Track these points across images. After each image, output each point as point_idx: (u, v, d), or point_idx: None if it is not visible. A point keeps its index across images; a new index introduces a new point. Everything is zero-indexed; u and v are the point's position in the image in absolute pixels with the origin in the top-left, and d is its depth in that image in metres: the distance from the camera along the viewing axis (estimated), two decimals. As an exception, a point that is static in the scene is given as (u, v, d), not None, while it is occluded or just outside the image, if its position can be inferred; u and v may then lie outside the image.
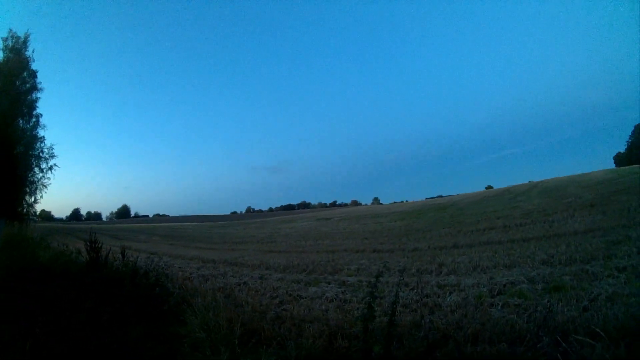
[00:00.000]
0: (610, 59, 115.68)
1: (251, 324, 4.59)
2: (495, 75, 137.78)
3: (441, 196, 68.43)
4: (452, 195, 60.31)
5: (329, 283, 8.72)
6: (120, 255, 9.30)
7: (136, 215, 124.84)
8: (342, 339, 4.09)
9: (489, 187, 68.84)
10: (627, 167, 43.79)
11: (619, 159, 73.95)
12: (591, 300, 5.10)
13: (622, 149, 76.90)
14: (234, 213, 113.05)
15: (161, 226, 52.42)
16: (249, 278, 9.95)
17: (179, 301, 5.87)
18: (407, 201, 74.24)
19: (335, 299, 6.93)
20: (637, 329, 3.49)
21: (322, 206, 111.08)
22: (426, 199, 68.18)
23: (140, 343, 4.47)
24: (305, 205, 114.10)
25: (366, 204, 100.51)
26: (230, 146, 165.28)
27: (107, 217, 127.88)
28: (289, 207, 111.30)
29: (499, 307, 5.32)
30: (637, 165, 37.27)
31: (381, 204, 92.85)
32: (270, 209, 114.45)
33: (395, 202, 78.49)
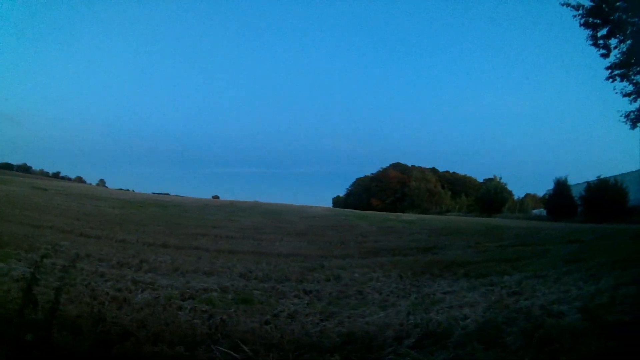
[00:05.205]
0: (356, 114, 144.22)
1: None
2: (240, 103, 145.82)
3: (168, 194, 67.23)
4: (180, 196, 59.88)
5: (20, 261, 7.71)
6: None
7: None
8: (23, 327, 3.66)
9: (216, 197, 72.86)
10: (341, 209, 55.83)
11: (337, 201, 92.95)
12: (274, 315, 5.98)
13: (342, 193, 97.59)
14: None
15: None
16: None
17: None
18: (133, 191, 70.36)
19: (21, 280, 6.11)
20: (309, 343, 4.44)
21: (44, 174, 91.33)
22: (153, 193, 65.82)
23: None
24: (26, 169, 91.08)
25: (91, 184, 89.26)
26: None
27: None
28: (7, 167, 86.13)
29: (187, 310, 5.60)
30: (349, 210, 48.70)
31: (106, 187, 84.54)
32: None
33: (121, 189, 71.86)
